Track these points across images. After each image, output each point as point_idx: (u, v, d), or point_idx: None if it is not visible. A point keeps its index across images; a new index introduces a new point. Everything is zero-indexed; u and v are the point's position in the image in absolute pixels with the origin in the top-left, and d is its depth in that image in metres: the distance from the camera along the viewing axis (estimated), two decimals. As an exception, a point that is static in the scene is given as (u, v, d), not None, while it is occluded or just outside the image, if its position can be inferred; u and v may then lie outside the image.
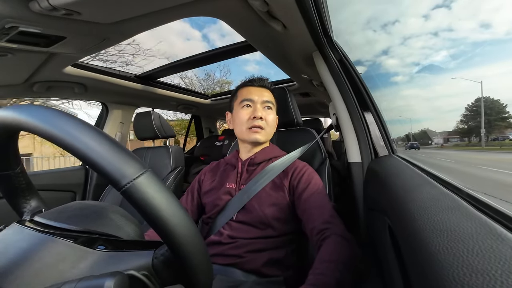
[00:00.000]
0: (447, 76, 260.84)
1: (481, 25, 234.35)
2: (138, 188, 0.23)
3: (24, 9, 0.64)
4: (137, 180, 0.23)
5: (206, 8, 0.73)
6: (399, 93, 14.88)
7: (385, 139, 0.82)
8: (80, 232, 0.29)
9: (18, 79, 1.09)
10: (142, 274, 0.26)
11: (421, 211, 0.30)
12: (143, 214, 0.23)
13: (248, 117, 0.73)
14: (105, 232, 0.30)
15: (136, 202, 0.23)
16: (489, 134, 16.59)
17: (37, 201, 0.37)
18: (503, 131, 17.10)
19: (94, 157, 0.23)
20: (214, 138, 2.47)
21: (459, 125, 17.80)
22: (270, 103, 0.75)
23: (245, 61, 28.45)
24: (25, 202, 0.35)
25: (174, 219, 0.24)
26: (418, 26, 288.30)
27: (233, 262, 0.63)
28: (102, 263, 0.26)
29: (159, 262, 0.27)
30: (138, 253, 0.28)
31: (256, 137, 0.73)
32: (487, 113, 18.62)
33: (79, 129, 0.23)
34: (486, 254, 0.19)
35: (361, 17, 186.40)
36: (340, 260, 0.49)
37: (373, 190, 0.64)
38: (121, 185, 0.22)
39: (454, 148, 14.01)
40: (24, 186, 0.35)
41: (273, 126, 0.78)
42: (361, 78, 0.95)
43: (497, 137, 14.99)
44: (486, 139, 14.80)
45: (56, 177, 1.44)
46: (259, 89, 0.76)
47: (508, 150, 10.25)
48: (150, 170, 0.25)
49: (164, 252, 0.28)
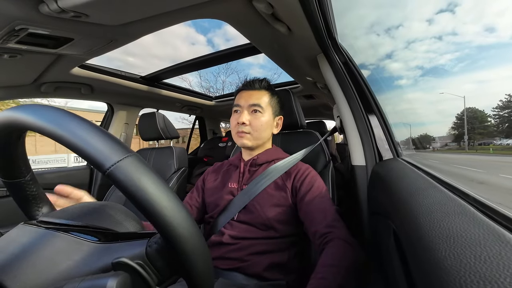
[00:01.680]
0: (451, 80, 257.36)
1: (486, 28, 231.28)
2: (123, 170, 0.22)
3: (34, 12, 0.65)
4: (122, 162, 0.23)
5: (211, 10, 0.73)
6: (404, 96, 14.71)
7: (390, 142, 0.81)
8: (79, 226, 0.30)
9: (27, 80, 1.11)
10: (136, 263, 0.25)
11: (427, 216, 0.30)
12: (129, 196, 0.23)
13: (236, 123, 0.74)
14: (103, 227, 0.31)
15: (121, 183, 0.22)
16: (475, 139, 19.47)
17: (49, 208, 0.37)
18: (485, 137, 20.24)
19: (78, 141, 0.23)
20: (217, 139, 2.48)
21: (451, 132, 21.69)
22: (257, 106, 0.73)
23: (249, 65, 28.61)
24: (37, 210, 0.35)
25: (162, 201, 0.23)
26: (422, 30, 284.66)
27: (235, 266, 0.62)
28: (97, 254, 0.26)
29: (153, 250, 0.26)
30: (132, 243, 0.28)
31: (243, 142, 0.73)
32: (472, 122, 22.50)
33: (62, 117, 0.24)
34: (494, 261, 0.18)
35: (366, 21, 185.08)
36: (343, 264, 0.48)
37: (378, 193, 0.63)
38: (106, 167, 0.22)
39: (445, 151, 16.70)
40: (36, 193, 0.35)
41: (264, 130, 0.74)
42: (366, 81, 0.94)
43: (483, 142, 17.74)
44: (473, 144, 17.96)
45: (61, 176, 1.46)
46: (248, 92, 0.75)
47: (480, 152, 13.44)
48: (135, 154, 0.24)
49: (157, 240, 0.27)
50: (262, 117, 0.74)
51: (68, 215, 0.32)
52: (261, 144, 0.77)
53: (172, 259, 0.27)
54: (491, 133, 21.88)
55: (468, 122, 22.26)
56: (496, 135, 22.08)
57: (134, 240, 0.28)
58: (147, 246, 0.27)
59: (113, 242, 0.28)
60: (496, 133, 22.49)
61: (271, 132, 0.78)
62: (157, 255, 0.26)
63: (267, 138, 0.78)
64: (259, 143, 0.76)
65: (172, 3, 0.68)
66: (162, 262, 0.27)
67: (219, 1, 0.68)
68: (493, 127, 22.80)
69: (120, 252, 0.27)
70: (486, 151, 13.31)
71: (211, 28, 34.22)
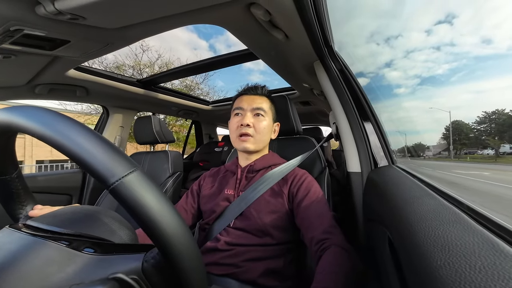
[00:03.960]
0: (449, 89, 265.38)
1: (483, 40, 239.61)
2: (127, 186, 0.22)
3: (30, 13, 0.65)
4: (126, 178, 0.22)
5: (209, 16, 0.74)
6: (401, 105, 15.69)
7: (385, 149, 0.82)
8: (71, 235, 0.28)
9: (20, 81, 1.10)
10: (131, 278, 0.24)
11: (422, 224, 0.30)
12: (131, 213, 0.22)
13: (237, 125, 0.73)
14: (96, 236, 0.30)
15: (125, 200, 0.22)
16: (461, 149, 23.15)
17: (33, 207, 0.36)
18: (469, 147, 24.12)
19: (83, 154, 0.22)
20: (213, 144, 2.47)
21: (441, 141, 25.31)
22: (261, 110, 0.75)
23: (250, 71, 28.95)
24: (21, 208, 0.34)
25: (165, 219, 0.23)
26: (421, 41, 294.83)
27: (229, 272, 0.61)
28: (91, 267, 0.25)
29: (149, 266, 0.26)
30: (128, 257, 0.27)
31: (244, 145, 0.73)
32: (458, 133, 26.18)
33: (68, 126, 0.23)
34: (489, 271, 0.18)
35: (365, 31, 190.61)
36: (341, 271, 0.48)
37: (373, 200, 0.63)
38: (110, 183, 0.22)
39: (436, 159, 19.34)
40: (21, 191, 0.34)
41: (265, 133, 0.76)
42: (362, 88, 0.96)
43: (469, 151, 20.97)
44: (459, 153, 21.55)
45: (53, 179, 1.43)
46: (251, 97, 0.77)
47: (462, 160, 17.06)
48: (140, 169, 0.24)
49: (155, 255, 0.26)
50: (264, 121, 0.75)
51: (59, 222, 0.30)
52: (261, 149, 0.77)
53: (168, 275, 0.26)
54: (473, 144, 25.39)
55: (455, 134, 26.01)
56: (476, 145, 25.55)
57: (130, 253, 0.27)
58: (143, 261, 0.26)
59: (108, 254, 0.27)
60: (475, 144, 25.88)
61: (270, 137, 0.79)
62: (153, 270, 0.26)
63: (267, 143, 0.79)
64: (260, 147, 0.76)
65: (170, 8, 0.69)
66: (158, 278, 0.26)
67: (217, 7, 0.68)
68: (474, 139, 26.48)
69: (116, 265, 0.26)
70: (464, 159, 17.15)
71: (213, 34, 34.65)
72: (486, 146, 23.15)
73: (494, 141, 23.46)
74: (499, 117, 24.17)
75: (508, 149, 20.10)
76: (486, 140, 24.21)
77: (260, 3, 0.66)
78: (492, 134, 25.42)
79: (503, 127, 24.78)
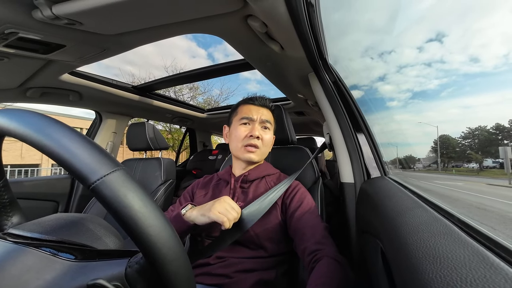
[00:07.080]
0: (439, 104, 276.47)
1: (471, 58, 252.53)
2: (108, 186, 0.21)
3: (26, 16, 0.64)
4: (108, 177, 0.21)
5: (207, 25, 0.75)
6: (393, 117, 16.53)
7: (378, 160, 0.83)
8: (53, 242, 0.27)
9: (12, 84, 1.08)
10: (113, 285, 0.23)
11: (414, 236, 0.30)
12: (113, 213, 0.21)
13: (245, 134, 0.73)
14: (79, 242, 0.28)
15: (106, 200, 0.21)
16: (449, 162, 25.17)
17: (20, 217, 0.34)
18: (456, 160, 26.46)
19: (61, 151, 0.21)
20: (207, 152, 2.46)
21: (430, 154, 27.34)
22: (268, 123, 0.76)
23: (247, 80, 29.33)
24: (6, 219, 0.33)
25: (149, 220, 0.22)
26: (413, 57, 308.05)
27: (220, 283, 0.60)
28: (70, 274, 0.24)
29: (133, 271, 0.25)
30: (111, 262, 0.26)
31: (250, 156, 0.73)
32: (446, 147, 28.31)
33: (47, 125, 0.22)
34: (479, 284, 0.18)
35: (360, 46, 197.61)
36: (333, 283, 0.47)
37: (366, 211, 0.64)
38: (91, 181, 0.21)
39: (425, 171, 20.60)
40: (7, 201, 0.32)
41: (269, 146, 0.78)
42: (355, 100, 0.98)
43: (456, 164, 22.65)
44: (447, 165, 23.28)
45: (40, 185, 1.39)
46: (259, 108, 0.77)
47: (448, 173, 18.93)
48: (124, 169, 0.23)
49: (139, 260, 0.25)
50: (270, 134, 0.77)
51: (42, 228, 0.29)
52: (261, 160, 0.78)
53: (153, 281, 0.25)
54: (460, 158, 27.56)
55: (442, 147, 28.28)
56: (462, 159, 27.65)
57: (113, 259, 0.26)
58: (127, 266, 0.25)
59: (90, 260, 0.26)
60: (461, 158, 27.92)
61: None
62: (137, 276, 0.25)
63: (267, 154, 0.80)
64: (262, 159, 0.78)
65: (168, 17, 0.69)
66: (142, 284, 0.25)
67: (214, 17, 0.70)
68: (460, 152, 28.46)
69: (97, 272, 0.25)
70: (450, 171, 18.14)
71: (212, 43, 35.17)
72: (470, 160, 24.68)
73: (476, 155, 25.13)
74: (481, 133, 25.77)
75: (491, 163, 21.38)
76: (470, 155, 25.78)
77: (257, 15, 0.68)
78: (474, 149, 26.96)
79: (484, 142, 26.22)
